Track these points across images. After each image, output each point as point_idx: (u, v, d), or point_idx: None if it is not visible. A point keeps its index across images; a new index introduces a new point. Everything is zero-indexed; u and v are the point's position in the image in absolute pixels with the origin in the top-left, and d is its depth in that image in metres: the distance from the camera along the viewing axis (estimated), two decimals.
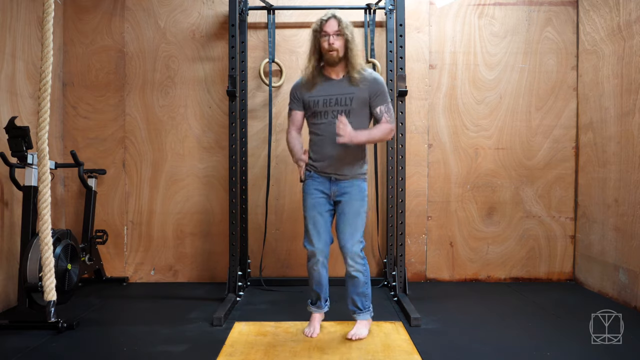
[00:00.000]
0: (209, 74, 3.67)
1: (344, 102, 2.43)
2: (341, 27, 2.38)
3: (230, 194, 3.22)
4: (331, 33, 2.37)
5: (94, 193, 3.51)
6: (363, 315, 2.54)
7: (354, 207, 2.47)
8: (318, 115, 2.47)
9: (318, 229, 2.48)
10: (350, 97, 2.43)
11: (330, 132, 2.41)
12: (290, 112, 2.58)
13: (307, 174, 2.53)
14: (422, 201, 3.69)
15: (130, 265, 3.69)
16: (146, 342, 2.41)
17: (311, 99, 2.47)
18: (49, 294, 1.91)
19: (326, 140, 2.45)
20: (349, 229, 2.46)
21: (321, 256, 2.49)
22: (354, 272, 2.48)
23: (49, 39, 1.81)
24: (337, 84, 2.46)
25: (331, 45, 2.37)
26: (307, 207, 2.51)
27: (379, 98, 2.47)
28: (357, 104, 2.44)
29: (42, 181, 1.85)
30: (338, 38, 2.38)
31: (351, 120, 2.41)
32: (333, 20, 2.39)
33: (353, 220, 2.46)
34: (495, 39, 3.67)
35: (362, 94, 2.44)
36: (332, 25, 2.38)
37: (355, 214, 2.46)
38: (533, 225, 3.69)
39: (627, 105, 3.06)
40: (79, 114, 3.67)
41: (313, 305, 2.61)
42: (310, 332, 2.52)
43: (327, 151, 2.45)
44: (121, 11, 3.66)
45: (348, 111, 2.43)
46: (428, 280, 3.72)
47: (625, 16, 3.08)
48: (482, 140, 3.68)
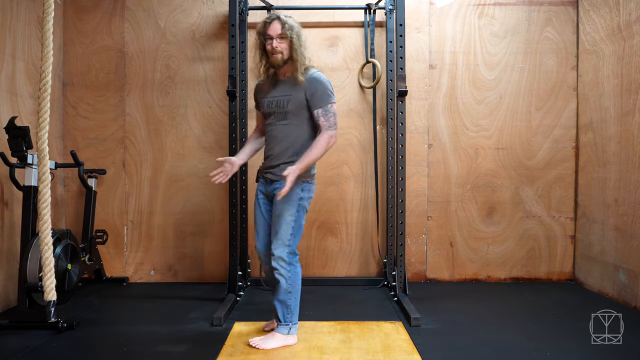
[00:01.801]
0: (209, 74, 3.67)
1: (282, 104, 2.37)
2: (284, 29, 2.30)
3: (230, 194, 3.22)
4: (274, 36, 2.31)
5: (94, 193, 3.51)
6: (280, 327, 2.38)
7: (277, 209, 2.36)
8: (267, 116, 2.46)
9: (257, 229, 2.50)
10: (287, 99, 2.36)
11: (272, 134, 2.43)
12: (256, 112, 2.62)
13: (257, 177, 2.55)
14: (422, 201, 3.69)
15: (130, 265, 3.69)
16: (146, 342, 2.41)
17: (261, 100, 2.48)
18: (49, 294, 1.91)
19: (270, 141, 2.45)
20: (273, 230, 2.39)
21: (263, 256, 2.49)
22: (277, 275, 2.36)
23: (49, 39, 1.81)
24: (282, 85, 2.42)
25: (274, 48, 2.31)
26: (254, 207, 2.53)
27: (314, 99, 2.33)
28: (294, 106, 2.35)
29: (42, 181, 1.85)
30: (282, 41, 2.32)
31: (286, 122, 2.37)
32: (276, 23, 2.31)
33: (276, 222, 2.36)
34: (495, 39, 3.67)
35: (299, 95, 2.34)
36: (275, 28, 2.31)
37: (278, 216, 2.36)
38: (533, 225, 3.69)
39: (627, 105, 3.06)
40: (79, 114, 3.67)
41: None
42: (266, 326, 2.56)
43: (268, 152, 2.46)
44: (121, 11, 3.66)
45: (285, 113, 2.37)
46: (428, 280, 3.72)
47: (625, 16, 3.08)
48: (482, 140, 3.68)
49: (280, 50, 2.32)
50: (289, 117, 2.38)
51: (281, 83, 2.42)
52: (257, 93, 2.52)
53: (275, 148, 2.41)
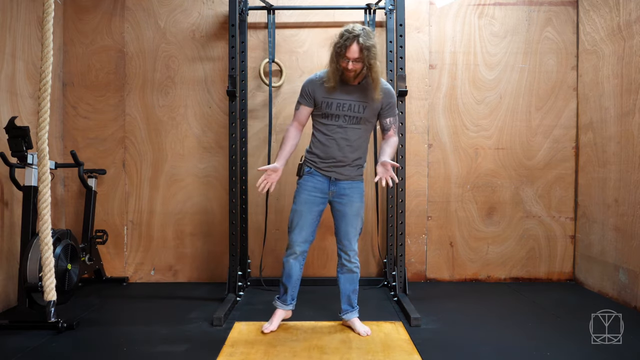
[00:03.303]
0: (209, 74, 3.67)
1: (356, 110, 2.45)
2: (362, 54, 2.30)
3: (230, 194, 3.22)
4: (351, 59, 2.33)
5: (94, 193, 3.51)
6: (356, 312, 2.61)
7: (354, 208, 2.53)
8: (329, 117, 2.47)
9: (302, 225, 2.51)
10: (363, 106, 2.46)
11: (339, 135, 2.45)
12: (298, 107, 2.54)
13: (307, 169, 2.54)
14: (422, 201, 3.69)
15: (130, 265, 3.70)
16: (146, 342, 2.41)
17: (324, 100, 2.46)
18: (49, 294, 1.91)
19: (333, 142, 2.47)
20: (351, 229, 2.53)
21: (298, 249, 2.54)
22: (355, 268, 2.57)
23: (49, 39, 1.81)
24: (353, 90, 2.46)
25: (349, 69, 2.35)
26: (299, 200, 2.52)
27: (390, 109, 2.52)
28: (369, 113, 2.48)
29: (42, 181, 1.86)
30: (358, 63, 2.34)
31: (359, 127, 2.47)
32: (355, 46, 2.30)
33: (354, 221, 2.53)
34: (495, 39, 3.67)
35: (375, 105, 2.48)
36: (354, 52, 2.30)
37: (356, 215, 2.53)
38: (533, 225, 3.69)
39: (627, 105, 3.07)
40: (79, 114, 3.68)
41: (279, 299, 2.63)
42: (267, 327, 2.54)
43: (332, 153, 2.47)
44: (121, 11, 3.66)
45: (359, 118, 2.47)
46: (428, 280, 3.72)
47: (625, 16, 3.08)
48: (482, 140, 3.68)
49: (355, 69, 2.36)
50: (362, 123, 2.48)
51: (352, 88, 2.45)
52: (316, 91, 2.47)
53: (345, 149, 2.47)
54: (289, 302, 2.63)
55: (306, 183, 2.53)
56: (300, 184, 2.55)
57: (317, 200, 2.52)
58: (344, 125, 2.45)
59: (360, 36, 2.30)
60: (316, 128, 2.55)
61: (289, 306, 2.63)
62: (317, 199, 2.52)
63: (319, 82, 2.48)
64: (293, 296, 2.63)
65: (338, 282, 2.62)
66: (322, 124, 2.50)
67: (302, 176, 2.55)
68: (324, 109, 2.47)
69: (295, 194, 2.57)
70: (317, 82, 2.49)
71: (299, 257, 2.57)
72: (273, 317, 2.61)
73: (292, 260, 2.57)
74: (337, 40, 2.35)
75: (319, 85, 2.48)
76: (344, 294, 2.60)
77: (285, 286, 2.60)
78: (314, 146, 2.54)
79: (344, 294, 2.60)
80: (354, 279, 2.59)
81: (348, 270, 2.57)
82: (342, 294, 2.61)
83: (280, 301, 2.63)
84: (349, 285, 2.59)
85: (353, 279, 2.58)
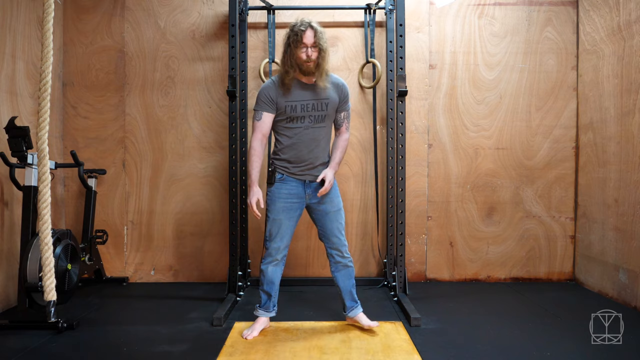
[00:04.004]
0: (209, 74, 3.67)
1: (320, 108, 2.46)
2: (317, 37, 2.35)
3: (230, 194, 3.22)
4: (309, 45, 2.35)
5: (94, 193, 3.51)
6: (360, 306, 2.62)
7: (335, 204, 2.54)
8: (295, 120, 2.45)
9: (283, 233, 2.49)
10: (325, 103, 2.46)
11: (307, 137, 2.45)
12: (260, 116, 2.46)
13: (279, 176, 2.50)
14: (422, 201, 3.69)
15: (130, 265, 3.70)
16: (146, 342, 2.41)
17: (288, 104, 2.43)
18: (49, 294, 1.91)
19: (302, 146, 2.45)
20: (337, 225, 2.54)
21: (279, 256, 2.52)
22: (349, 262, 2.60)
23: (49, 39, 1.81)
24: (310, 89, 2.45)
25: (309, 57, 2.35)
26: (276, 209, 2.48)
27: (344, 103, 2.54)
28: (331, 109, 2.50)
29: (42, 181, 1.85)
30: (315, 49, 2.37)
31: (324, 125, 2.49)
32: (310, 31, 2.35)
33: (338, 216, 2.55)
34: (495, 39, 3.67)
35: (334, 99, 2.49)
36: (309, 36, 2.34)
37: (337, 210, 2.55)
38: (533, 225, 3.69)
39: (627, 105, 3.07)
40: (79, 114, 3.67)
41: (260, 308, 2.58)
42: (248, 334, 2.48)
43: (303, 156, 2.46)
44: (121, 11, 3.66)
45: (324, 116, 2.48)
46: (428, 280, 3.72)
47: (625, 16, 3.08)
48: (482, 140, 3.68)
49: (314, 58, 2.37)
50: (326, 120, 2.50)
51: (308, 87, 2.45)
52: (277, 96, 2.44)
53: (315, 150, 2.47)
54: (272, 309, 2.59)
55: (280, 191, 2.49)
56: (273, 192, 2.49)
57: (294, 206, 2.50)
58: (310, 126, 2.45)
59: (312, 24, 2.36)
60: (280, 133, 2.50)
61: (272, 313, 2.59)
62: (294, 205, 2.49)
63: (275, 87, 2.45)
64: (275, 302, 2.60)
65: (336, 281, 2.61)
66: (287, 129, 2.47)
67: (274, 183, 2.50)
68: (288, 113, 2.44)
69: (268, 203, 2.52)
70: (274, 87, 2.46)
71: (280, 263, 2.55)
72: (255, 324, 2.55)
73: (272, 267, 2.53)
74: (289, 33, 2.40)
75: (276, 91, 2.45)
76: (345, 290, 2.59)
77: (269, 293, 2.56)
78: (281, 152, 2.49)
79: (345, 291, 2.59)
80: (351, 274, 2.60)
81: (344, 266, 2.58)
82: (343, 291, 2.60)
83: (263, 309, 2.57)
84: (347, 280, 2.59)
85: (350, 273, 2.60)
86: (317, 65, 2.40)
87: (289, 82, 2.42)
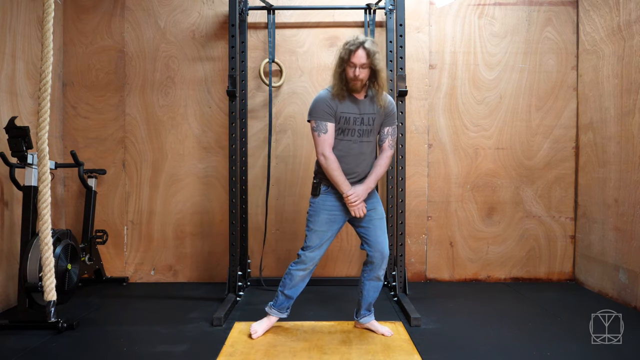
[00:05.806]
0: (209, 74, 3.67)
1: (367, 122, 2.42)
2: (369, 59, 2.29)
3: (230, 194, 3.22)
4: (358, 65, 2.30)
5: (94, 193, 3.51)
6: (372, 315, 2.61)
7: (379, 212, 2.50)
8: (345, 132, 2.41)
9: (322, 244, 2.47)
10: (373, 118, 2.43)
11: (355, 151, 2.42)
12: (325, 127, 2.37)
13: (324, 188, 2.46)
14: (422, 201, 3.69)
15: (130, 265, 3.70)
16: (146, 342, 2.41)
17: (343, 115, 2.39)
18: (49, 294, 1.91)
19: (350, 159, 2.43)
20: (383, 234, 2.48)
21: (311, 266, 2.51)
22: (382, 278, 2.53)
23: (49, 39, 1.81)
24: (361, 103, 2.42)
25: (357, 76, 2.32)
26: (319, 221, 2.44)
27: (390, 119, 2.49)
28: (377, 124, 2.47)
29: (42, 181, 1.86)
30: (364, 69, 2.32)
31: (371, 139, 2.47)
32: (361, 51, 2.28)
33: (383, 225, 2.50)
34: (495, 39, 3.67)
35: (381, 115, 2.46)
36: (360, 57, 2.28)
37: (381, 218, 2.50)
38: (533, 225, 3.69)
39: (627, 105, 3.07)
40: (79, 114, 3.67)
41: (274, 307, 2.57)
42: (255, 330, 2.49)
43: (351, 169, 2.43)
44: (121, 11, 3.66)
45: (370, 130, 2.45)
46: (428, 280, 3.72)
47: (625, 16, 3.08)
48: (482, 140, 3.68)
49: (362, 78, 2.34)
50: (372, 135, 2.47)
51: (360, 102, 2.42)
52: (335, 106, 2.38)
53: (362, 164, 2.45)
54: (285, 311, 2.58)
55: (325, 203, 2.45)
56: (318, 203, 2.46)
57: (337, 219, 2.47)
58: (358, 140, 2.42)
59: (365, 44, 2.29)
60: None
61: (284, 314, 2.59)
62: (337, 217, 2.47)
63: (331, 96, 2.40)
64: (290, 306, 2.60)
65: (361, 287, 2.55)
66: (336, 140, 2.43)
67: (319, 195, 2.46)
68: (341, 124, 2.41)
69: (311, 214, 2.47)
70: (330, 97, 2.41)
71: (310, 272, 2.53)
72: (266, 321, 2.55)
73: (302, 274, 2.50)
74: (342, 48, 2.35)
75: (332, 100, 2.40)
76: (367, 300, 2.54)
77: (289, 297, 2.54)
78: None
79: (367, 301, 2.55)
80: (378, 288, 2.54)
81: (377, 278, 2.50)
82: (364, 300, 2.55)
83: (277, 309, 2.56)
84: (373, 293, 2.54)
85: (378, 288, 2.54)
86: (364, 85, 2.38)
87: (340, 94, 2.38)
